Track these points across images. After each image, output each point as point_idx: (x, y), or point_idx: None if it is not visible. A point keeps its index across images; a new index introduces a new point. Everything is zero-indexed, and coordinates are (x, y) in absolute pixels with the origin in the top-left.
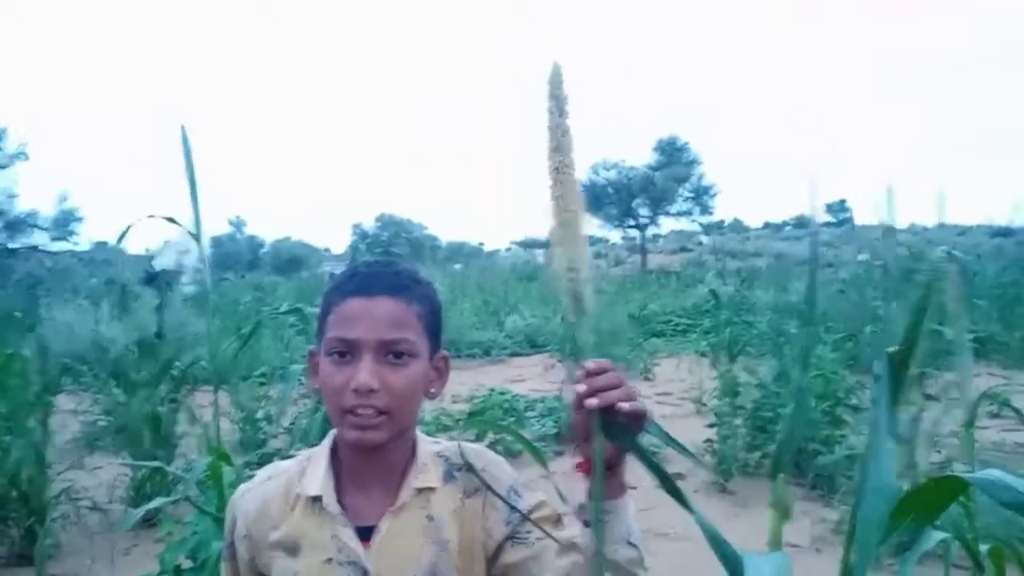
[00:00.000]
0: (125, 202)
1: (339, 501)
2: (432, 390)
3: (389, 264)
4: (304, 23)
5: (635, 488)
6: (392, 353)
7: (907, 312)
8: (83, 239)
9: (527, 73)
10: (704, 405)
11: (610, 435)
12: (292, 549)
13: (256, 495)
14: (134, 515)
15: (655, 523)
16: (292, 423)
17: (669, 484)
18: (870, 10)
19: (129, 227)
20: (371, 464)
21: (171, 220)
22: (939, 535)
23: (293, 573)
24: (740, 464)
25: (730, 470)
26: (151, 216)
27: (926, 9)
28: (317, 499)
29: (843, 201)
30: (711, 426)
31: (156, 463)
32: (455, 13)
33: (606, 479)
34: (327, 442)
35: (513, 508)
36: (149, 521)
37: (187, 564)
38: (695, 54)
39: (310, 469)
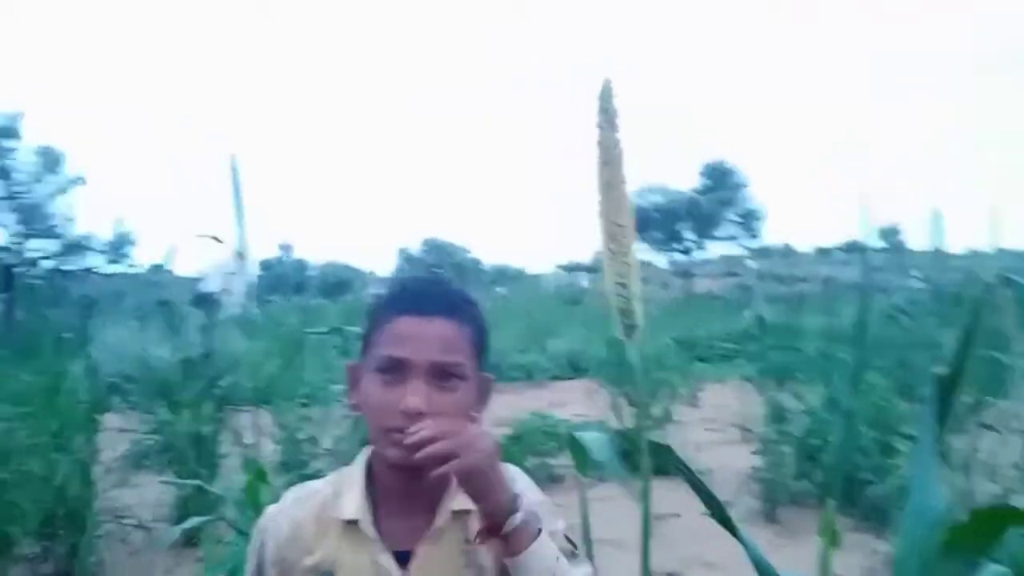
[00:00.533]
0: (177, 226)
1: (375, 525)
2: (473, 412)
3: (441, 283)
4: (351, 49)
5: (678, 516)
6: (442, 376)
7: (957, 336)
8: (137, 261)
9: (575, 97)
10: (750, 431)
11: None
12: (327, 575)
13: (288, 518)
14: (172, 533)
15: (698, 552)
16: (334, 444)
17: (719, 511)
18: (924, 29)
19: (176, 247)
20: (409, 485)
21: (216, 239)
22: (998, 570)
23: None
24: (788, 492)
25: (777, 498)
26: (198, 236)
27: (980, 24)
28: (353, 523)
29: (896, 226)
30: (757, 453)
31: (196, 482)
32: (495, 37)
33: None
34: (360, 461)
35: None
36: (191, 540)
37: None
38: (742, 76)
39: (345, 491)
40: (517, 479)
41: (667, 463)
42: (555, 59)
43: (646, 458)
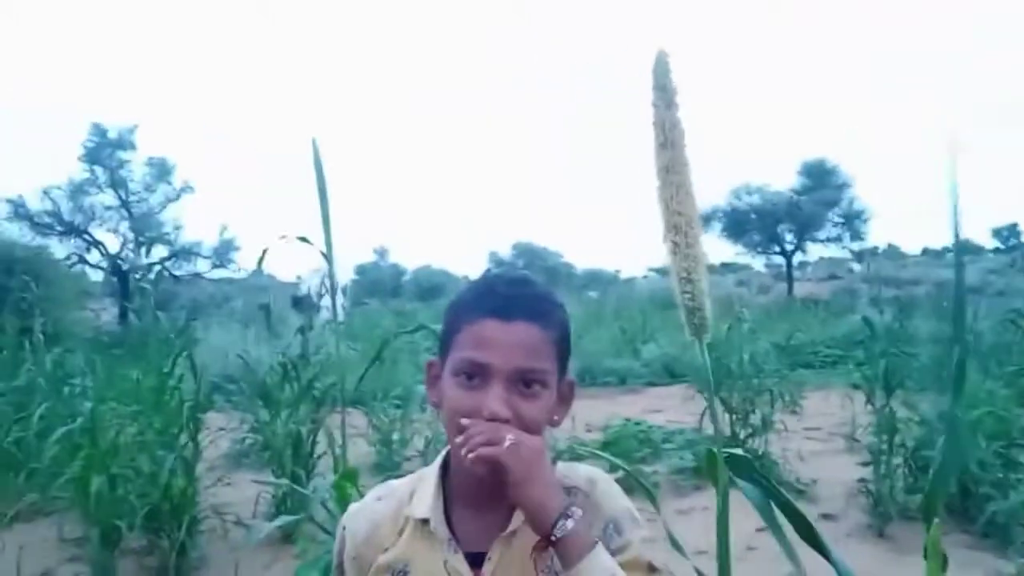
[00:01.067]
0: (276, 230)
1: (448, 524)
2: (556, 417)
3: (527, 284)
4: (441, 53)
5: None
6: (524, 382)
7: None
8: (240, 267)
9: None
10: (857, 441)
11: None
12: (400, 574)
13: (366, 516)
14: (263, 530)
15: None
16: (427, 446)
17: (805, 528)
18: None
19: (266, 250)
20: (485, 486)
21: (304, 240)
22: None
23: None
24: (899, 507)
25: (888, 513)
26: (283, 237)
27: None
28: (426, 522)
29: (1015, 225)
30: (865, 464)
31: (285, 482)
32: (583, 36)
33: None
34: (438, 461)
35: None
36: (289, 537)
37: None
38: (841, 69)
39: (420, 490)
40: (598, 482)
41: (746, 475)
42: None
43: (723, 470)
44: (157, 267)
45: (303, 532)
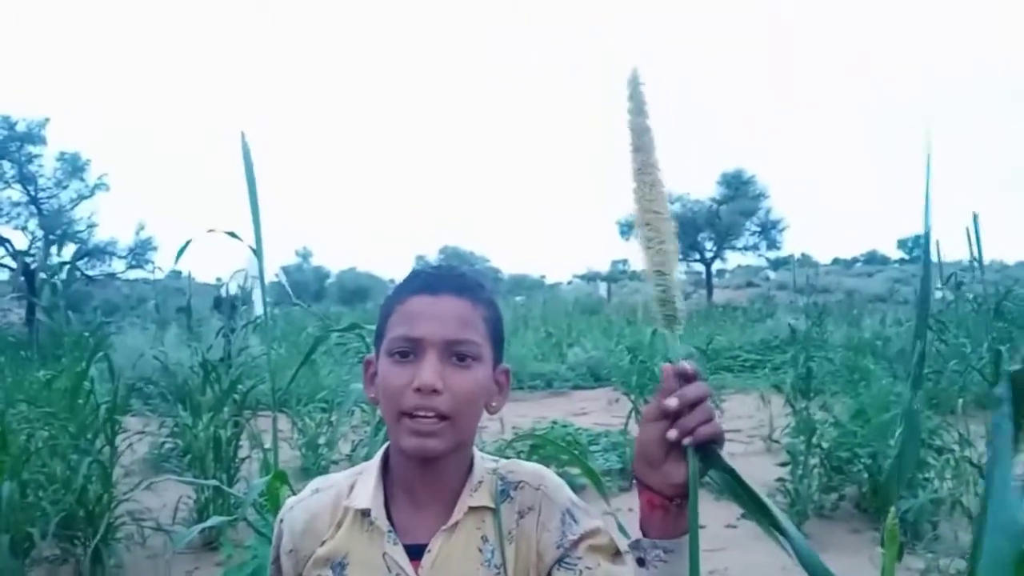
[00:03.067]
0: (198, 230)
1: (389, 517)
2: (493, 404)
3: (454, 267)
4: (361, 55)
5: (704, 527)
6: (456, 355)
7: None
8: (158, 267)
9: (596, 108)
10: (776, 442)
11: (701, 458)
12: (339, 566)
13: (304, 508)
14: (189, 533)
15: (724, 563)
16: (353, 450)
17: (763, 510)
18: (946, 28)
19: (189, 241)
20: (425, 477)
21: (232, 235)
22: None
23: None
24: (815, 505)
25: (805, 511)
26: (210, 231)
27: (1007, 27)
28: (366, 514)
29: (918, 236)
30: (783, 465)
31: (213, 482)
32: (514, 45)
33: (676, 514)
34: (379, 455)
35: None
36: (211, 544)
37: None
38: (757, 82)
39: (360, 482)
40: (546, 476)
41: (710, 460)
42: (574, 67)
43: (692, 456)
44: (68, 266)
45: (228, 538)
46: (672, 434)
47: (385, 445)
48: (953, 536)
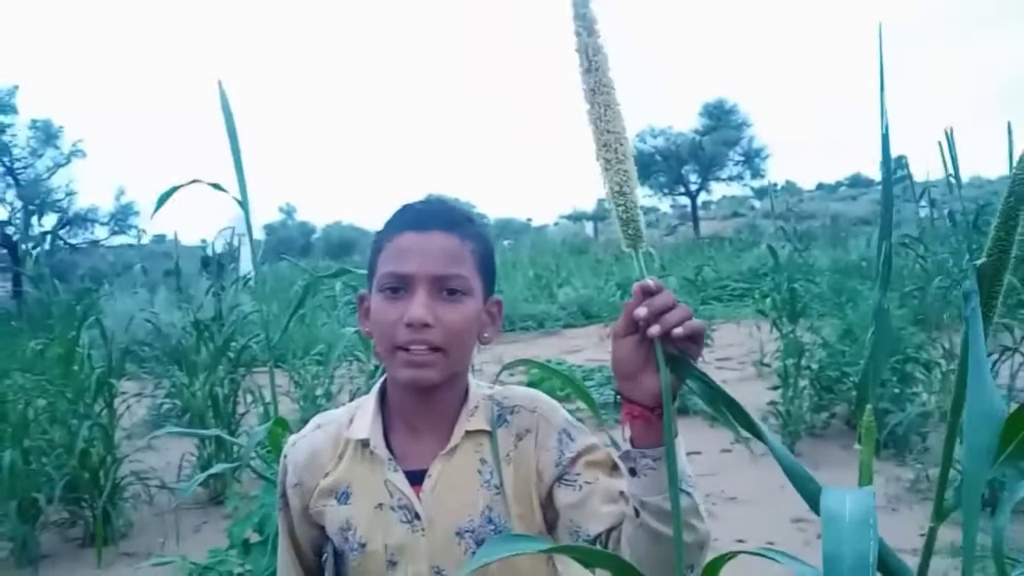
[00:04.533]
0: (178, 195)
1: (388, 446)
2: (486, 334)
3: (443, 201)
4: (350, 5)
5: (699, 453)
6: (447, 289)
7: (996, 224)
8: (143, 231)
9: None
10: (767, 366)
11: (672, 366)
12: (343, 495)
13: (307, 444)
14: (195, 481)
15: (720, 487)
16: (351, 398)
17: (742, 417)
18: None
19: (169, 191)
20: (422, 407)
21: (217, 187)
22: None
23: (345, 519)
24: (807, 426)
25: (797, 431)
26: (195, 181)
27: None
28: (366, 444)
29: (900, 157)
30: (775, 388)
31: (215, 431)
32: None
33: (657, 423)
34: (376, 388)
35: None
36: (217, 499)
37: (255, 538)
38: (739, 12)
39: (359, 415)
40: (539, 399)
41: (679, 367)
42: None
43: (664, 369)
44: (51, 236)
45: (233, 491)
46: (654, 330)
47: (382, 378)
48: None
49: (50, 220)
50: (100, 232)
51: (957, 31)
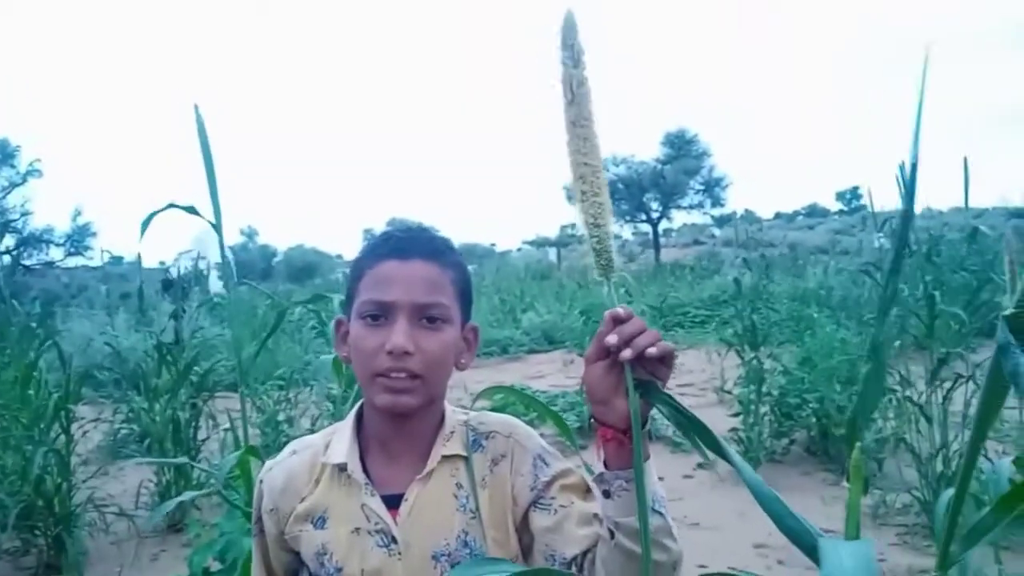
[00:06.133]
0: (138, 216)
1: (365, 470)
2: (462, 360)
3: (424, 229)
4: (308, 29)
5: (662, 479)
6: (426, 317)
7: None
8: (98, 254)
9: (535, 71)
10: (728, 393)
11: (641, 391)
12: (319, 520)
13: (282, 469)
14: (162, 509)
15: (682, 512)
16: (313, 425)
17: (710, 440)
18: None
19: (152, 214)
20: (399, 432)
21: (191, 211)
22: None
23: (321, 544)
24: (767, 452)
25: (757, 457)
26: (171, 205)
27: None
28: (343, 468)
29: (855, 188)
30: (735, 415)
31: (184, 460)
32: (460, 16)
33: (630, 442)
34: (352, 412)
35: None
36: (175, 526)
37: (216, 566)
38: (700, 45)
39: (335, 439)
40: (514, 425)
41: (648, 391)
42: (519, 31)
43: (633, 395)
44: (9, 256)
45: (193, 518)
46: (626, 353)
47: (359, 403)
48: (898, 472)
49: (6, 241)
50: (55, 253)
51: (907, 67)
